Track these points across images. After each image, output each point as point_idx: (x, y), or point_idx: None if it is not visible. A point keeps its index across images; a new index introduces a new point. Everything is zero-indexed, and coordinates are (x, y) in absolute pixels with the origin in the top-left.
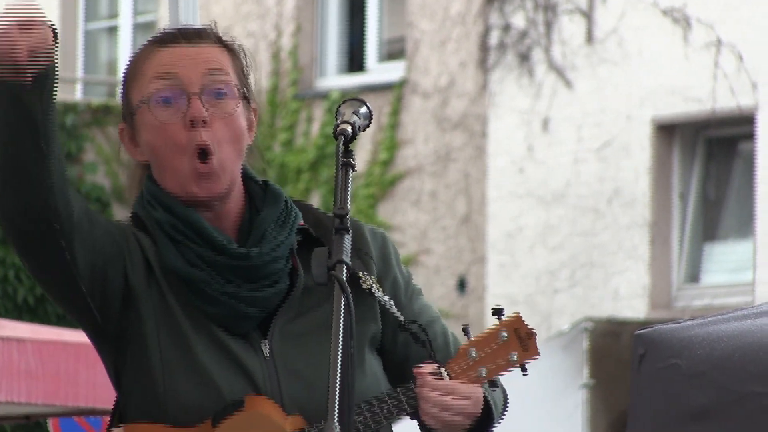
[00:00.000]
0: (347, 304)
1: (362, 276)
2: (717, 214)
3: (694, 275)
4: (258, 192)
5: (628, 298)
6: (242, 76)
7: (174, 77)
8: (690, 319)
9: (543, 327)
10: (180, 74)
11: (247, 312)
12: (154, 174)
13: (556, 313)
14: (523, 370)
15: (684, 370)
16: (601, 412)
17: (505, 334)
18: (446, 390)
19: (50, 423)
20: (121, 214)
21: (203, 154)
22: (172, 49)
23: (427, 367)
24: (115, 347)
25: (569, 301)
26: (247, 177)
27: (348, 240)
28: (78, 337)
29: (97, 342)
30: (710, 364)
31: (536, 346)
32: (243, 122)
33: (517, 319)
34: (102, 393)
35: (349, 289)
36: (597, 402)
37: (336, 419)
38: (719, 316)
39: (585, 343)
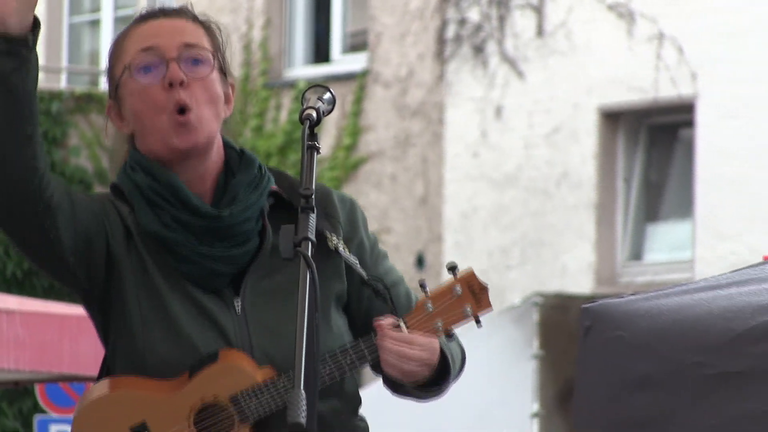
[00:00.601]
0: (312, 279)
1: (329, 236)
2: (658, 197)
3: (637, 253)
4: (234, 158)
5: (576, 275)
6: (218, 51)
7: (154, 48)
8: (633, 294)
9: (496, 301)
10: (159, 45)
11: (219, 269)
12: (137, 142)
13: (509, 289)
14: (477, 322)
15: (627, 341)
16: (550, 381)
17: (459, 288)
18: (404, 341)
19: (37, 388)
20: None
21: (182, 110)
22: (152, 22)
23: (386, 320)
24: (102, 308)
25: (520, 277)
26: (226, 144)
27: (313, 218)
28: (62, 309)
29: (86, 303)
30: (652, 335)
31: (489, 300)
32: (219, 89)
33: (471, 275)
34: (84, 361)
35: (314, 265)
36: (546, 371)
37: (302, 387)
38: (660, 292)
39: (535, 317)
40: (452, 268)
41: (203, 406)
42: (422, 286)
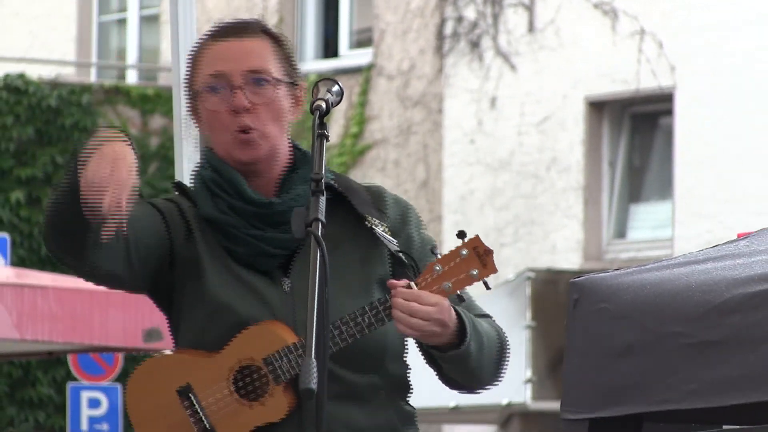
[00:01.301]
0: (322, 256)
1: (369, 219)
2: (641, 179)
3: (621, 232)
4: (300, 158)
5: (565, 252)
6: (285, 61)
7: (221, 74)
8: (618, 269)
9: (491, 276)
10: (225, 71)
11: (270, 251)
12: (211, 143)
13: (503, 265)
14: (486, 285)
15: (612, 313)
16: (542, 349)
17: (465, 251)
18: (412, 297)
19: (70, 358)
20: None
21: (244, 131)
22: (222, 44)
23: (399, 281)
24: (167, 297)
25: (514, 254)
26: (294, 147)
27: (323, 201)
28: (92, 285)
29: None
30: (635, 307)
31: (494, 263)
32: (284, 103)
33: (476, 239)
34: (113, 332)
35: (324, 244)
36: (538, 341)
37: (313, 356)
38: (643, 267)
39: (527, 290)
40: (460, 234)
41: (241, 368)
42: (433, 250)
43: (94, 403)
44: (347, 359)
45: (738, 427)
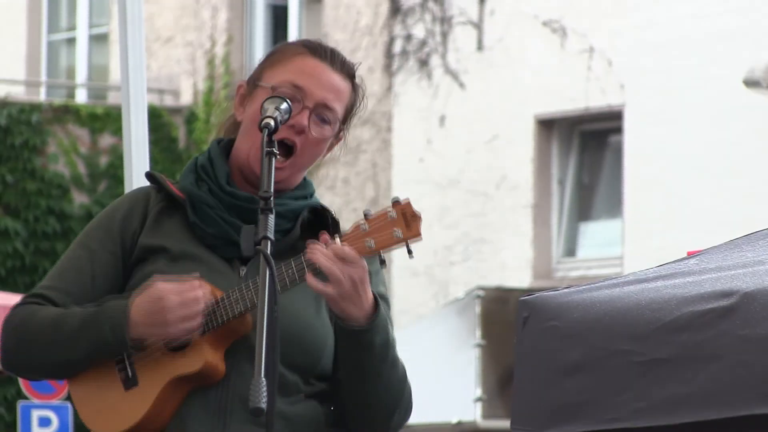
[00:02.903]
0: (271, 274)
1: (331, 215)
2: (590, 197)
3: (570, 250)
4: (301, 182)
5: (514, 270)
6: (347, 111)
7: (302, 89)
8: (567, 288)
9: (441, 294)
10: (306, 89)
11: (236, 239)
12: (238, 135)
13: (452, 283)
14: (408, 250)
15: (561, 331)
16: (492, 367)
17: (393, 213)
18: (333, 250)
19: (20, 378)
20: (78, 197)
21: (288, 148)
22: (317, 63)
23: (323, 236)
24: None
25: (463, 272)
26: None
27: (272, 219)
28: None
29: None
30: (584, 325)
31: (419, 228)
32: (326, 147)
33: (406, 204)
34: None
35: (273, 261)
36: (488, 359)
37: (262, 375)
38: (592, 285)
39: (477, 309)
40: (395, 199)
41: (182, 339)
42: (366, 214)
43: (44, 422)
44: (282, 354)
45: None
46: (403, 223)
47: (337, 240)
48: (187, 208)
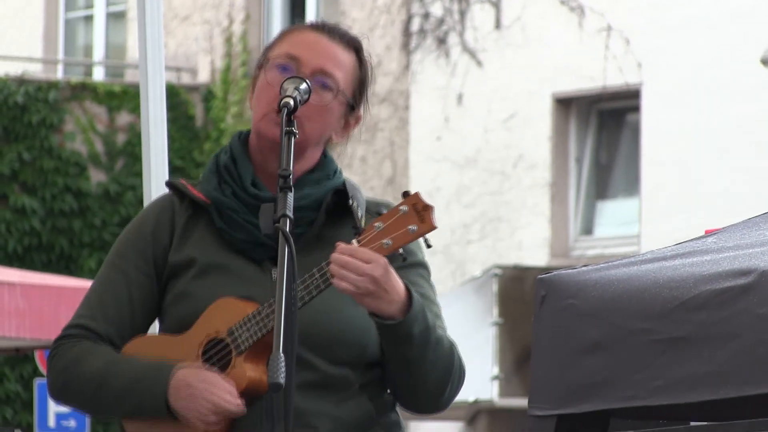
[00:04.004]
0: (290, 252)
1: (354, 204)
2: (608, 176)
3: (588, 228)
4: (321, 161)
5: (532, 249)
6: (358, 84)
7: (297, 58)
8: (585, 266)
9: (458, 273)
10: (302, 58)
11: (265, 241)
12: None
13: (470, 262)
14: (426, 243)
15: (579, 310)
16: (509, 346)
17: (404, 208)
18: (348, 252)
19: (37, 354)
20: (96, 175)
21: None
22: (315, 34)
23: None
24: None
25: (480, 251)
26: (324, 154)
27: (290, 197)
28: (60, 281)
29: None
30: (602, 304)
31: (431, 219)
32: (333, 117)
33: (416, 196)
34: None
35: (291, 239)
36: (504, 338)
37: (281, 350)
38: (610, 263)
39: (494, 287)
40: (405, 193)
41: (209, 341)
42: (378, 213)
43: None
44: (326, 351)
45: (705, 423)
46: (415, 216)
47: (355, 243)
48: (212, 214)
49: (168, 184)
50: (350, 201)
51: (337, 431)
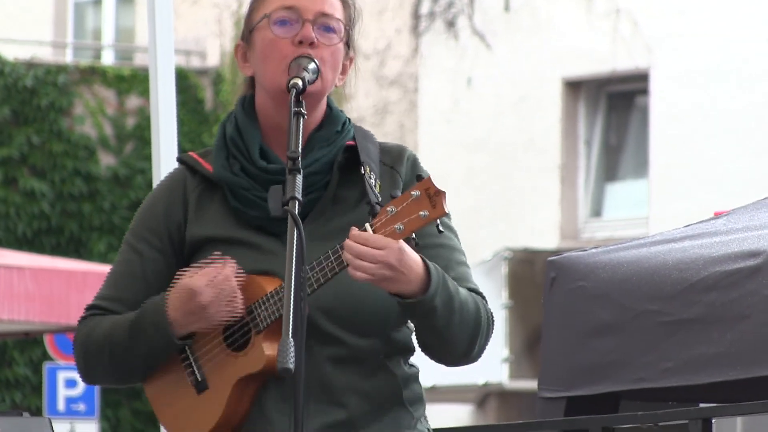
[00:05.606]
0: (299, 235)
1: (367, 170)
2: (617, 159)
3: (597, 211)
4: (328, 114)
5: (541, 231)
6: (348, 25)
7: (295, 8)
8: (594, 248)
9: (468, 256)
10: (300, 6)
11: (278, 214)
12: (256, 85)
13: (480, 245)
14: (438, 228)
15: (589, 291)
16: (519, 328)
17: (416, 193)
18: (361, 240)
19: (46, 338)
20: (105, 159)
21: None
22: None
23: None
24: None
25: (490, 234)
26: (328, 104)
27: (299, 179)
28: (69, 265)
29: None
30: (612, 285)
31: (443, 205)
32: (340, 59)
33: (428, 181)
34: None
35: (300, 222)
36: (515, 320)
37: (291, 335)
38: (619, 245)
39: (504, 270)
40: (418, 177)
41: (230, 320)
42: (392, 196)
43: (70, 384)
44: (351, 323)
45: (714, 404)
46: (427, 201)
47: (368, 228)
48: (226, 193)
49: (179, 159)
50: (362, 167)
51: (366, 408)
